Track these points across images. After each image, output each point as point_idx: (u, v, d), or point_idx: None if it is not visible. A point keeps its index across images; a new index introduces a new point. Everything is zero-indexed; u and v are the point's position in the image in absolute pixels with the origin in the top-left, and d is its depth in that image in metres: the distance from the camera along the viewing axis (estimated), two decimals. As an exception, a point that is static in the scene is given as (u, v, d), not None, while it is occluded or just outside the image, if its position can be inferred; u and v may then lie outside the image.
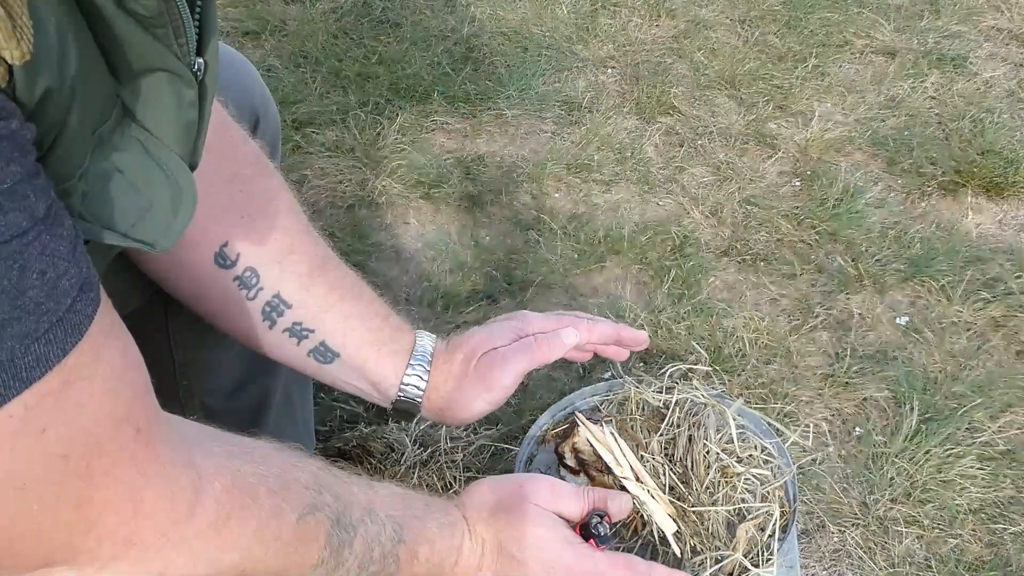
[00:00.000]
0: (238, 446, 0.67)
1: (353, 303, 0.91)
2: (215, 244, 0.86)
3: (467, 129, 2.01)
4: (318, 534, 0.68)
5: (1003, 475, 1.35)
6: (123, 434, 0.55)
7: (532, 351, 0.93)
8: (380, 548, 0.73)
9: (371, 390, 0.93)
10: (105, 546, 0.56)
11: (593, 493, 0.85)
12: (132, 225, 0.57)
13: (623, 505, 0.86)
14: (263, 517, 0.64)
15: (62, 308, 0.48)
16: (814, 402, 1.47)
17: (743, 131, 2.01)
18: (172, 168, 0.59)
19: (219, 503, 0.61)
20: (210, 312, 0.90)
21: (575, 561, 0.79)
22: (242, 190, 0.87)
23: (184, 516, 0.59)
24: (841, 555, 1.28)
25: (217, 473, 0.62)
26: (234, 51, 1.04)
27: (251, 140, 0.90)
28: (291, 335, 0.89)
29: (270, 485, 0.66)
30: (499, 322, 0.96)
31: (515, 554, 0.79)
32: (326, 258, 0.91)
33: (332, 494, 0.71)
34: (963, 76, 2.18)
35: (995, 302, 1.62)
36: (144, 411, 0.57)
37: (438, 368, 0.92)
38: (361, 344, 0.90)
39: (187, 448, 0.61)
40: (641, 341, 1.00)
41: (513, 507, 0.80)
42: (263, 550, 0.65)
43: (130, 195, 0.56)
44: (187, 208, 0.61)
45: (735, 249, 1.74)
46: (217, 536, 0.61)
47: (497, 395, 0.92)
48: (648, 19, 2.37)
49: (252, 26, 2.28)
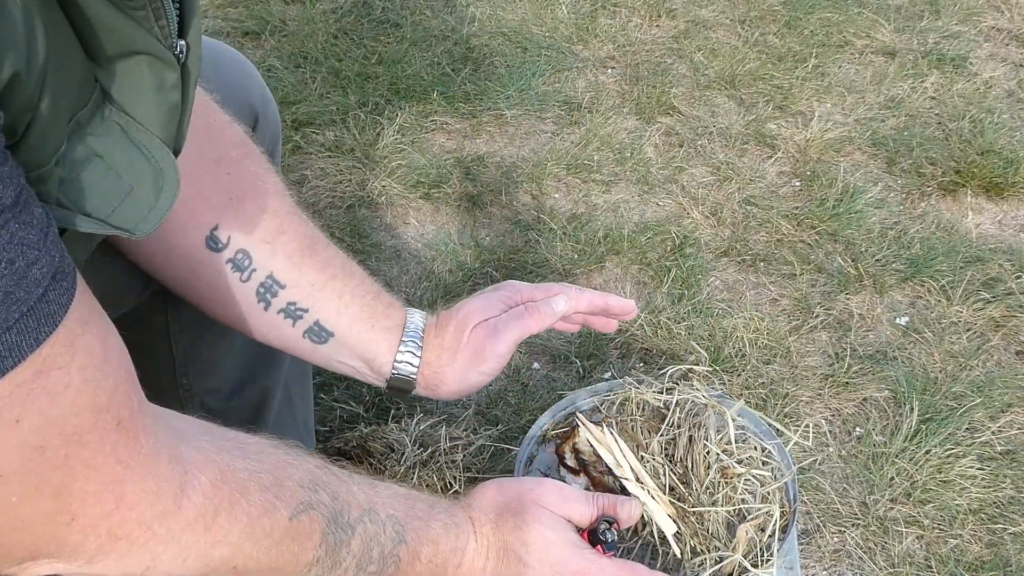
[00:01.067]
0: (231, 441, 0.67)
1: (345, 281, 0.91)
2: (205, 228, 0.86)
3: (467, 129, 2.01)
4: (312, 532, 0.68)
5: (1003, 475, 1.35)
6: (103, 425, 0.54)
7: (524, 319, 0.92)
8: (380, 548, 0.72)
9: (365, 368, 0.93)
10: (89, 539, 0.56)
11: (603, 500, 0.84)
12: (112, 210, 0.56)
13: (632, 512, 0.86)
14: (254, 513, 0.64)
15: (33, 297, 0.48)
16: (814, 402, 1.47)
17: (743, 131, 2.01)
18: (154, 152, 0.59)
19: (207, 497, 0.61)
20: (205, 299, 0.89)
21: (582, 566, 0.79)
22: (229, 173, 0.87)
23: (170, 510, 0.59)
24: (841, 555, 1.28)
25: (205, 467, 0.62)
26: (234, 51, 1.03)
27: (236, 123, 0.90)
28: (286, 316, 0.89)
29: (262, 481, 0.65)
30: (487, 293, 0.96)
31: (521, 556, 0.78)
32: (315, 238, 0.91)
33: (329, 493, 0.70)
34: (963, 76, 2.18)
35: (995, 302, 1.62)
36: (127, 403, 0.56)
37: (430, 342, 0.92)
38: (354, 321, 0.90)
39: (175, 442, 0.61)
40: (629, 310, 0.99)
41: (521, 510, 0.80)
42: (254, 546, 0.64)
43: (110, 179, 0.56)
44: (170, 191, 0.60)
45: (735, 249, 1.74)
46: (206, 531, 0.61)
47: (491, 365, 0.91)
48: (648, 19, 2.37)
49: (252, 26, 2.28)
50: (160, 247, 0.86)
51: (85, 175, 0.54)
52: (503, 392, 1.46)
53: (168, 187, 0.60)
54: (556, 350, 1.54)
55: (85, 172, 0.54)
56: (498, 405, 1.44)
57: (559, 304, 0.94)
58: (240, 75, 1.01)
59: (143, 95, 0.58)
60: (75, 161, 0.54)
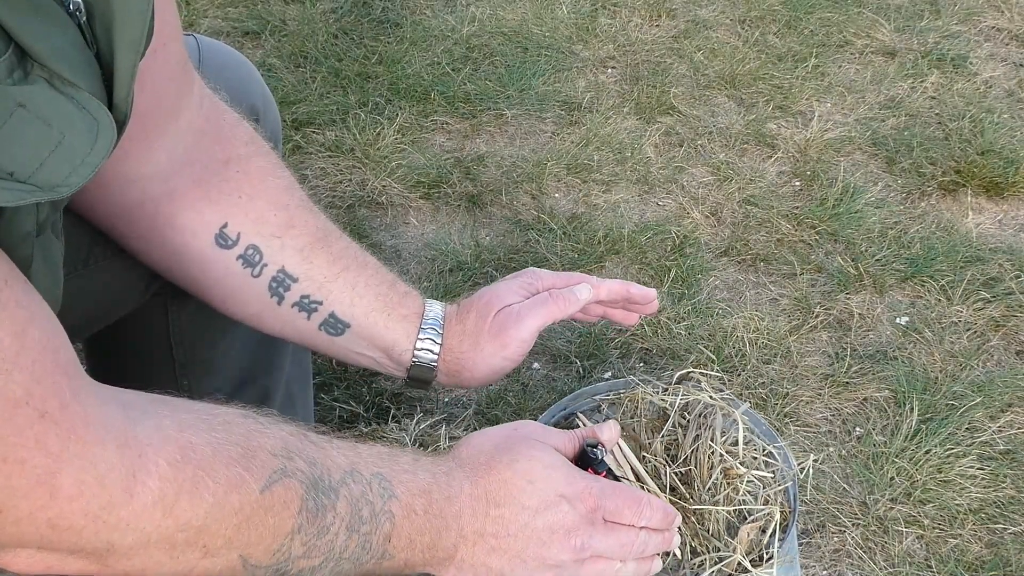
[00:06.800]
0: (195, 414, 0.65)
1: (358, 271, 0.90)
2: (214, 226, 0.86)
3: (467, 129, 2.01)
4: (289, 501, 0.66)
5: (1003, 475, 1.35)
6: (21, 418, 0.53)
7: (548, 306, 0.91)
8: (370, 507, 0.70)
9: (384, 358, 0.92)
10: (27, 530, 0.56)
11: (581, 431, 0.85)
12: (41, 163, 0.53)
13: (613, 432, 0.86)
14: (220, 491, 0.62)
15: None
16: (814, 402, 1.47)
17: (743, 131, 2.01)
18: (85, 103, 0.56)
19: (165, 481, 0.60)
20: (218, 297, 0.89)
21: (584, 484, 0.78)
22: (239, 171, 0.87)
23: (119, 499, 0.58)
24: (841, 555, 1.28)
25: (162, 448, 0.60)
26: (234, 51, 1.04)
27: (245, 121, 0.90)
28: (300, 309, 0.89)
29: (230, 454, 0.63)
30: (509, 280, 0.95)
31: (524, 489, 0.77)
32: (327, 230, 0.91)
33: (305, 459, 0.68)
34: (963, 76, 2.18)
35: (995, 302, 1.62)
36: (55, 393, 0.55)
37: (451, 329, 0.91)
38: (370, 311, 0.90)
39: (125, 425, 0.59)
40: (651, 298, 0.98)
41: (513, 446, 0.79)
42: (222, 524, 0.63)
43: (37, 128, 0.53)
44: (105, 139, 0.57)
45: (735, 249, 1.74)
46: (167, 515, 0.60)
47: (515, 350, 0.91)
48: (648, 19, 2.37)
49: (252, 26, 2.28)
50: (170, 250, 0.86)
51: (8, 127, 0.51)
52: (503, 392, 1.47)
53: (103, 136, 0.57)
54: (556, 350, 1.54)
55: (7, 124, 0.51)
56: (498, 405, 1.44)
57: (583, 292, 0.94)
58: (240, 75, 1.01)
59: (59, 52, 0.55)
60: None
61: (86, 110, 0.56)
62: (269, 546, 0.66)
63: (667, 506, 0.82)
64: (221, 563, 0.64)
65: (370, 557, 0.71)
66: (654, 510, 0.80)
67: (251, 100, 0.99)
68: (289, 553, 0.67)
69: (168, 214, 0.85)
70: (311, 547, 0.68)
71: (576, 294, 0.93)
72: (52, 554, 0.59)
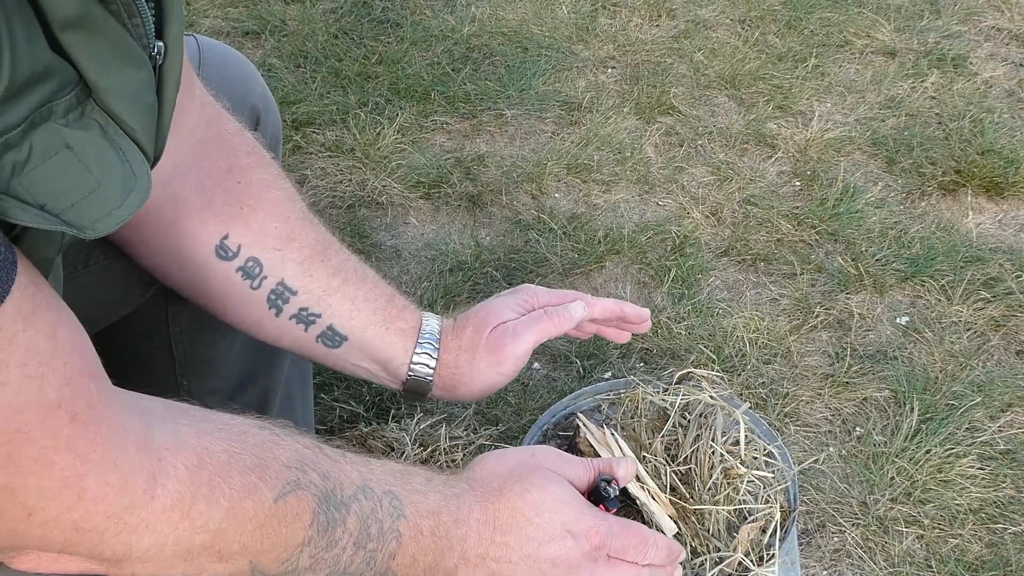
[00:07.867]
0: (212, 423, 0.66)
1: (357, 285, 0.91)
2: (215, 237, 0.86)
3: (467, 129, 2.01)
4: (301, 513, 0.67)
5: (1003, 475, 1.35)
6: (54, 421, 0.54)
7: (543, 323, 0.93)
8: (378, 525, 0.71)
9: (380, 371, 0.93)
10: (53, 532, 0.56)
11: (598, 462, 0.85)
12: (72, 204, 0.54)
13: (628, 469, 0.86)
14: (235, 497, 0.63)
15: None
16: (814, 402, 1.47)
17: (743, 131, 2.01)
18: (129, 157, 0.57)
19: (183, 484, 0.60)
20: (217, 306, 0.89)
21: (592, 522, 0.78)
22: (240, 181, 0.87)
23: (141, 500, 0.58)
24: (841, 555, 1.28)
25: (181, 452, 0.61)
26: (234, 51, 1.04)
27: (247, 131, 0.90)
28: (298, 321, 0.89)
29: (245, 463, 0.64)
30: (505, 296, 0.96)
31: (531, 519, 0.77)
32: (327, 243, 0.91)
33: (319, 472, 0.69)
34: (963, 76, 2.18)
35: (995, 302, 1.62)
36: (83, 396, 0.55)
37: (447, 344, 0.92)
38: (368, 324, 0.90)
39: (145, 429, 0.60)
40: (644, 318, 1.01)
41: (526, 474, 0.79)
42: (237, 530, 0.63)
43: (77, 172, 0.54)
44: (138, 196, 0.58)
45: (735, 249, 1.74)
46: (184, 517, 0.60)
47: (510, 366, 0.92)
48: (648, 19, 2.37)
49: (252, 26, 2.28)
50: (171, 258, 0.86)
51: (50, 164, 0.52)
52: (503, 392, 1.46)
53: (137, 192, 0.58)
54: (556, 350, 1.54)
55: (51, 161, 0.52)
56: (498, 405, 1.44)
57: (577, 310, 0.95)
58: (241, 75, 1.01)
59: (126, 89, 0.56)
60: (41, 148, 0.52)
61: (128, 164, 0.57)
62: (279, 555, 0.67)
63: (672, 543, 0.83)
64: (231, 569, 0.65)
65: (373, 573, 0.72)
66: (659, 549, 0.81)
67: (251, 100, 1.00)
68: (297, 564, 0.67)
69: (170, 220, 0.85)
70: (318, 559, 0.68)
71: (571, 312, 0.95)
72: (63, 555, 0.59)
